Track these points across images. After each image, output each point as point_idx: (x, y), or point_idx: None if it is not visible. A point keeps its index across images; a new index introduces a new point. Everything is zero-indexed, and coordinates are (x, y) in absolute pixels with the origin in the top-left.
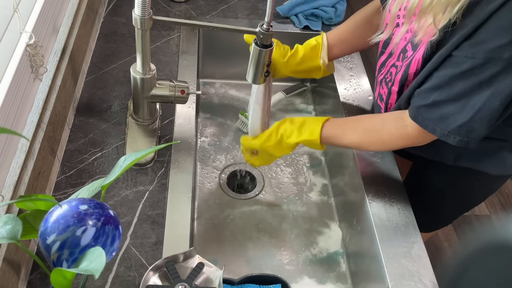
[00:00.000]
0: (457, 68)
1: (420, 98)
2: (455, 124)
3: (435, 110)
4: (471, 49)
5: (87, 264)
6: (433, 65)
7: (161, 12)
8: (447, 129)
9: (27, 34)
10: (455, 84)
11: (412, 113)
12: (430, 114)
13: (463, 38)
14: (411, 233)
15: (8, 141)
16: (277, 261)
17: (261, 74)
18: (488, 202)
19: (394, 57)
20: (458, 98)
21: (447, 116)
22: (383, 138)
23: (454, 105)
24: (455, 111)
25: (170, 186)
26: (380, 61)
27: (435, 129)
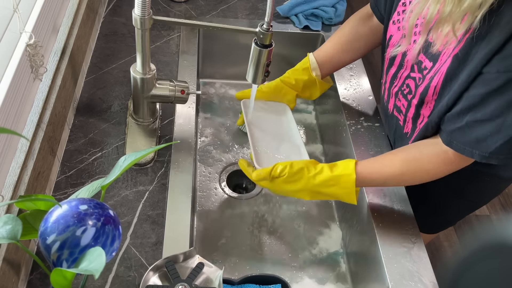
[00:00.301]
0: (489, 85)
1: (452, 122)
2: (495, 144)
3: (470, 133)
4: (503, 62)
5: (87, 264)
6: (462, 85)
7: (161, 12)
8: (487, 151)
9: (27, 34)
10: (489, 103)
11: (445, 138)
12: (465, 137)
13: (492, 52)
14: (411, 233)
15: (8, 141)
16: (277, 261)
17: (261, 74)
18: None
19: (407, 68)
20: (494, 117)
21: (485, 138)
22: (425, 166)
23: (491, 125)
24: (492, 131)
25: (170, 186)
26: (390, 73)
27: (473, 152)
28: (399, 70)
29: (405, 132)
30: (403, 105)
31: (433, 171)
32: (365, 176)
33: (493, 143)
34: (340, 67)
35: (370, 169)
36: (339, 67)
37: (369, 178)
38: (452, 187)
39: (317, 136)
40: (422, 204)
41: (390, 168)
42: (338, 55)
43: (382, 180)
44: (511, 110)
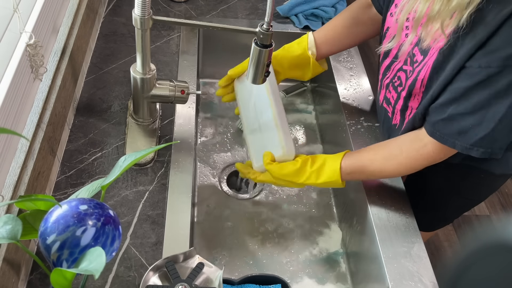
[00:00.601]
0: (472, 79)
1: (436, 114)
2: (477, 136)
3: (453, 124)
4: (485, 58)
5: (87, 264)
6: (447, 78)
7: (161, 12)
8: (468, 142)
9: (27, 34)
10: (471, 96)
11: (429, 129)
12: (448, 128)
13: (476, 47)
14: (411, 233)
15: (8, 141)
16: (277, 261)
17: (261, 74)
18: (488, 202)
19: (400, 61)
20: (475, 110)
21: (467, 129)
22: (404, 162)
23: (473, 118)
24: (474, 123)
25: (170, 186)
26: (384, 65)
27: (455, 143)
28: (393, 62)
29: (394, 124)
30: (392, 97)
31: (410, 166)
32: (348, 178)
33: (475, 135)
34: (337, 50)
35: (352, 170)
36: (336, 51)
37: (352, 177)
38: (449, 184)
39: (317, 136)
40: (418, 201)
41: (371, 168)
42: (337, 37)
43: (364, 177)
44: (493, 103)
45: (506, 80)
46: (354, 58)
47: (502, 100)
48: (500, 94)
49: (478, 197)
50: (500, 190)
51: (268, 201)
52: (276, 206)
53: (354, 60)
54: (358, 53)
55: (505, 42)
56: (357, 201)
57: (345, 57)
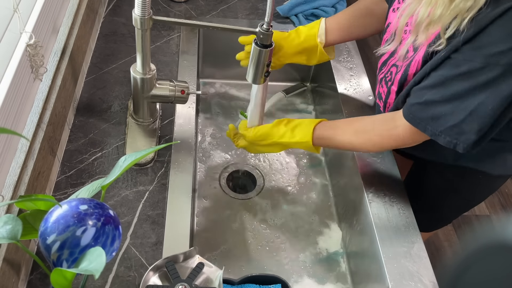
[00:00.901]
0: (455, 69)
1: (414, 97)
2: (447, 124)
3: (427, 110)
4: (471, 52)
5: (87, 264)
6: (432, 66)
7: (161, 12)
8: (438, 128)
9: (27, 34)
10: (450, 85)
11: (405, 111)
12: (422, 113)
13: (463, 41)
14: (411, 233)
15: (8, 141)
16: (277, 261)
17: (261, 74)
18: (488, 202)
19: (396, 57)
20: (451, 99)
21: (439, 116)
22: (373, 139)
23: (447, 106)
24: (447, 112)
25: (170, 186)
26: (381, 60)
27: (426, 127)
28: (390, 58)
29: None
30: (383, 92)
31: (379, 144)
32: (318, 142)
33: (445, 122)
34: (346, 39)
35: (323, 135)
36: (345, 39)
37: (322, 143)
38: (447, 184)
39: None
40: (417, 201)
41: (341, 137)
42: (348, 26)
43: (334, 146)
44: (468, 96)
45: (485, 77)
46: (354, 58)
47: (477, 94)
48: (477, 88)
49: (477, 197)
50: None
51: (268, 201)
52: (276, 206)
53: (354, 60)
54: (358, 53)
55: (492, 40)
56: (357, 201)
57: (345, 57)
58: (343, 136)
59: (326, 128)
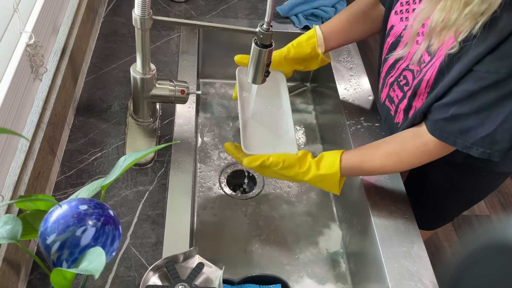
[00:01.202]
0: (479, 83)
1: (438, 112)
2: (478, 135)
3: (455, 123)
4: (494, 63)
5: (87, 264)
6: (452, 80)
7: (161, 12)
8: (469, 141)
9: (27, 34)
10: (477, 98)
11: (430, 127)
12: (449, 127)
13: (485, 52)
14: (411, 233)
15: (8, 141)
16: (277, 261)
17: (261, 74)
18: (488, 202)
19: (406, 60)
20: (480, 111)
21: (468, 129)
22: (405, 159)
23: (475, 118)
24: (476, 124)
25: (170, 186)
26: (388, 63)
27: (456, 141)
28: (398, 61)
29: (396, 122)
30: (396, 96)
31: (411, 162)
32: (347, 172)
33: (476, 134)
34: (343, 43)
35: (352, 165)
36: (342, 44)
37: (352, 173)
38: (450, 182)
39: (317, 136)
40: (419, 200)
41: (371, 163)
42: (345, 31)
43: (364, 173)
44: (497, 105)
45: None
46: (354, 58)
47: (507, 102)
48: (506, 97)
49: (480, 194)
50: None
51: (268, 201)
52: (276, 206)
53: (354, 60)
54: (358, 53)
55: None
56: (357, 201)
57: (345, 57)
58: (373, 162)
59: (353, 155)
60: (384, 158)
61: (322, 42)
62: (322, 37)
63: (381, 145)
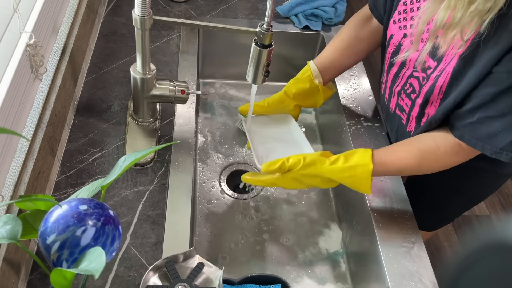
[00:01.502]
0: (500, 85)
1: (463, 118)
2: (506, 140)
3: (483, 127)
4: None
5: (87, 264)
6: (471, 84)
7: (161, 12)
8: (498, 146)
9: (27, 34)
10: (500, 101)
11: (458, 133)
12: (477, 132)
13: (502, 53)
14: (411, 233)
15: (8, 141)
16: (277, 261)
17: (261, 74)
18: (488, 202)
19: (409, 67)
20: (505, 114)
21: (496, 133)
22: (440, 158)
23: (502, 121)
24: (504, 127)
25: (170, 186)
26: (392, 72)
27: (485, 147)
28: (401, 70)
29: (409, 131)
30: (406, 104)
31: (448, 162)
32: (381, 168)
33: (504, 139)
34: (342, 71)
35: (386, 160)
36: (341, 72)
37: (385, 169)
38: (451, 183)
39: (317, 136)
40: (420, 201)
41: (407, 161)
42: (339, 60)
43: (398, 171)
44: None
45: None
46: None
47: None
48: None
49: (481, 196)
50: (500, 190)
51: (268, 201)
52: (276, 206)
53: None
54: None
55: None
56: (357, 201)
57: None
58: (408, 159)
59: (386, 154)
60: (419, 156)
61: (317, 73)
62: (316, 68)
63: (413, 142)
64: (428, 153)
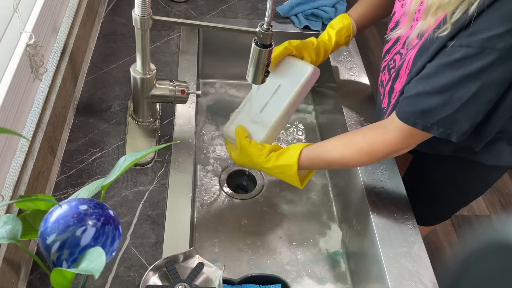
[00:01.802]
0: (449, 57)
1: (406, 92)
2: (439, 116)
3: (418, 103)
4: (467, 38)
5: (87, 264)
6: (428, 58)
7: (161, 12)
8: (430, 121)
9: (27, 34)
10: (442, 75)
11: (397, 108)
12: (412, 106)
13: (459, 28)
14: (411, 233)
15: (8, 141)
16: (277, 261)
17: (261, 74)
18: (488, 202)
19: (399, 44)
20: (443, 90)
21: (430, 109)
22: (364, 148)
23: (438, 98)
24: (439, 103)
25: (170, 186)
26: (385, 48)
27: (416, 121)
28: (393, 46)
29: (383, 107)
30: (385, 79)
31: (370, 153)
32: (307, 163)
33: (437, 114)
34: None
35: (312, 155)
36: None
37: (311, 164)
38: (443, 176)
39: (317, 136)
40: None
41: (331, 153)
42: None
43: (326, 164)
44: (460, 86)
45: (480, 63)
46: (354, 58)
47: (471, 83)
48: (471, 77)
49: (472, 190)
50: (500, 190)
51: (268, 201)
52: (276, 206)
53: (354, 60)
54: (358, 53)
55: (488, 24)
56: (357, 201)
57: (345, 57)
58: (332, 151)
59: (314, 147)
60: (344, 147)
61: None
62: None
63: (344, 136)
64: (353, 144)
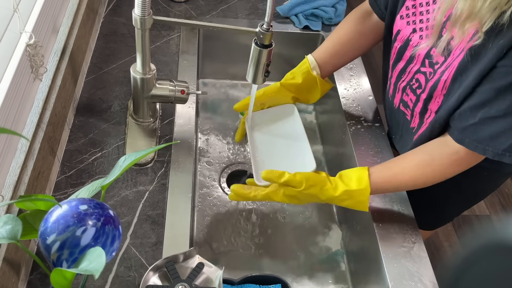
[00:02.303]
0: (504, 79)
1: (464, 119)
2: (509, 141)
3: (484, 129)
4: None
5: (87, 264)
6: (474, 79)
7: (161, 12)
8: (500, 148)
9: (27, 34)
10: (503, 98)
11: (457, 136)
12: (478, 134)
13: (508, 46)
14: (411, 233)
15: (8, 141)
16: (277, 261)
17: (261, 74)
18: (488, 202)
19: (417, 63)
20: (508, 113)
21: (498, 134)
22: (436, 169)
23: (505, 122)
24: (506, 128)
25: (170, 186)
26: (398, 68)
27: (486, 149)
28: (408, 65)
29: (412, 127)
30: (410, 100)
31: (444, 173)
32: (378, 188)
33: (507, 139)
34: (340, 66)
35: (382, 179)
36: (339, 67)
37: (382, 188)
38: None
39: (317, 136)
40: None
41: (402, 177)
42: (338, 54)
43: (394, 188)
44: None
45: None
46: None
47: None
48: None
49: (480, 194)
50: (500, 190)
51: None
52: (276, 206)
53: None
54: None
55: None
56: None
57: None
58: (403, 175)
59: (381, 169)
60: (414, 170)
61: (315, 65)
62: (314, 60)
63: (408, 157)
64: (423, 167)
